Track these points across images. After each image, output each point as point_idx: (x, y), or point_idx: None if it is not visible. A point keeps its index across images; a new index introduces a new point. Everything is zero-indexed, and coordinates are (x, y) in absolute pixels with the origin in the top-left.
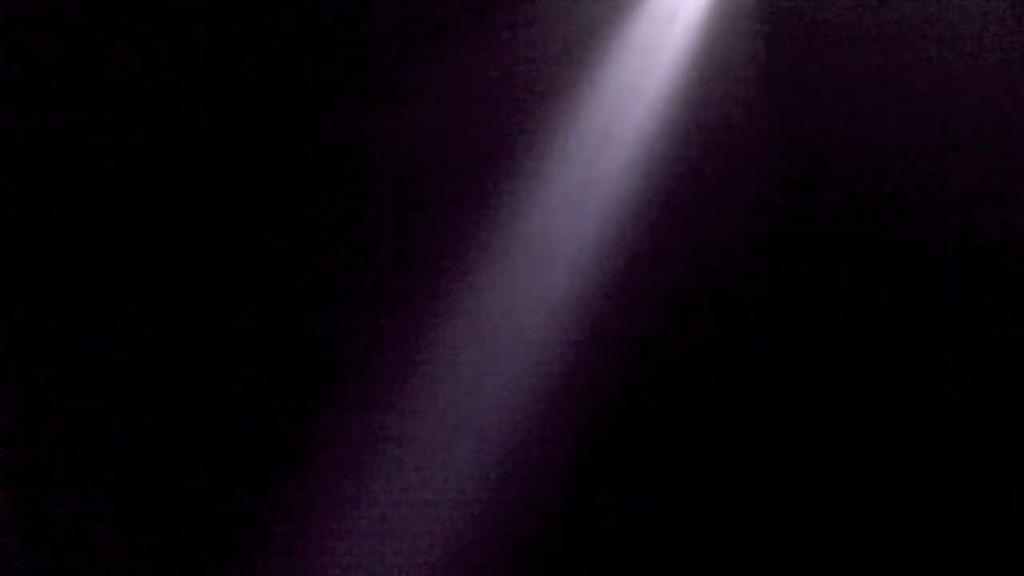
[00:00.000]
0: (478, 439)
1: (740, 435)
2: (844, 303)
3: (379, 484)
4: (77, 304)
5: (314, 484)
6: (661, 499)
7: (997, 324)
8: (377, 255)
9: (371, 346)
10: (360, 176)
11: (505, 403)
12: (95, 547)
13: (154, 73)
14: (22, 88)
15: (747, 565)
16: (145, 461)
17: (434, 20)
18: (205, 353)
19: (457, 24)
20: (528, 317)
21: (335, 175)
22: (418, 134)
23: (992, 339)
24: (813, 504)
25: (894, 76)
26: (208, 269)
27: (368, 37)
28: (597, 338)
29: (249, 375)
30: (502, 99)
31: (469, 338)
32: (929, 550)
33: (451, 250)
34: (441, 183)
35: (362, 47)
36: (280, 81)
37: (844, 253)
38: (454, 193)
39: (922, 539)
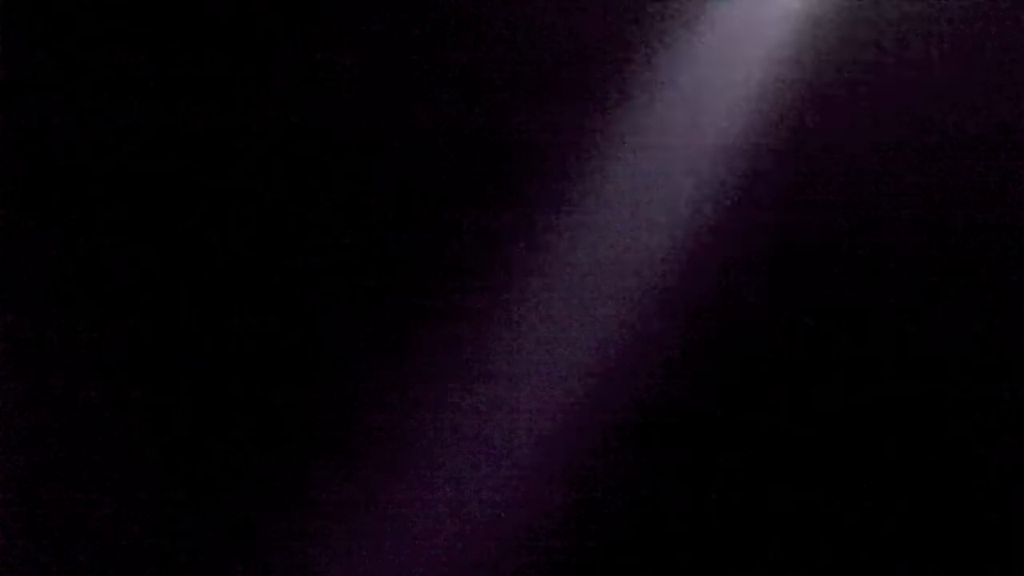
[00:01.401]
0: (508, 440)
1: (740, 434)
2: (844, 302)
3: (395, 486)
4: (77, 304)
5: (315, 485)
6: (661, 498)
7: (997, 324)
8: (411, 254)
9: (405, 346)
10: (413, 175)
11: (536, 404)
12: (95, 547)
13: (154, 73)
14: (22, 88)
15: (747, 565)
16: (145, 461)
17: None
18: (205, 353)
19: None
20: (566, 318)
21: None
22: (474, 132)
23: (992, 339)
24: (813, 503)
25: (893, 76)
26: (209, 269)
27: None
28: (637, 340)
29: (250, 375)
30: (550, 99)
31: (503, 337)
32: (929, 550)
33: (489, 251)
34: (487, 182)
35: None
36: (282, 81)
37: (844, 253)
38: (497, 192)
39: (922, 539)
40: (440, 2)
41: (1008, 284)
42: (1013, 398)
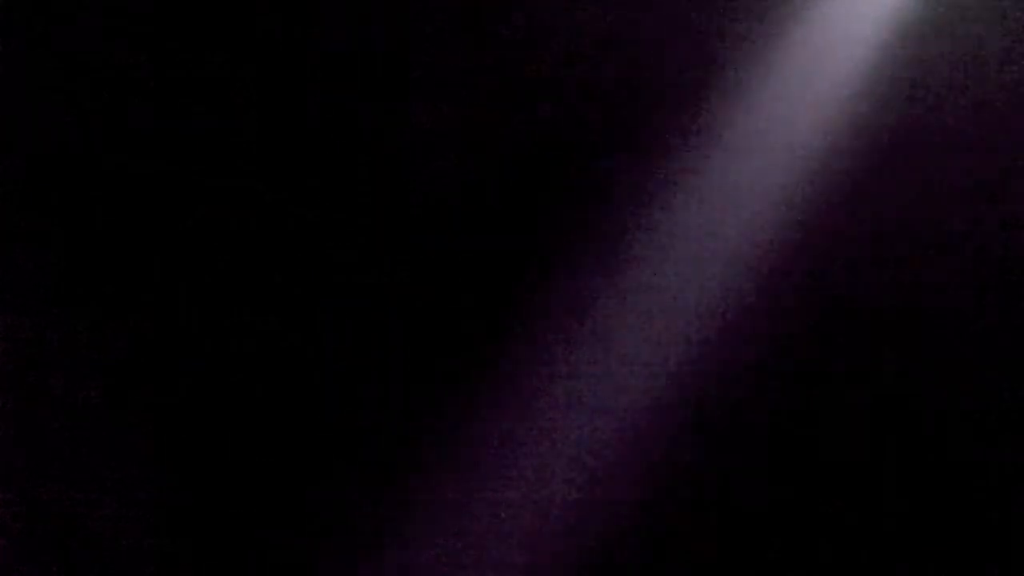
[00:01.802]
0: (509, 440)
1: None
2: (845, 302)
3: (396, 486)
4: (77, 304)
5: (316, 485)
6: (662, 498)
7: (997, 323)
8: (410, 255)
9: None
10: (413, 175)
11: (538, 404)
12: (95, 547)
13: (154, 73)
14: (22, 88)
15: (747, 564)
16: (145, 461)
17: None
18: (205, 353)
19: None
20: (565, 316)
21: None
22: (473, 133)
23: (992, 339)
24: (813, 503)
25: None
26: (209, 269)
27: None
28: (643, 342)
29: (250, 375)
30: (659, 98)
31: (503, 337)
32: (929, 550)
33: (490, 251)
34: (591, 180)
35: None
36: (283, 81)
37: (844, 252)
38: (499, 192)
39: (922, 539)
40: (440, 2)
41: (1008, 284)
42: (1013, 398)
